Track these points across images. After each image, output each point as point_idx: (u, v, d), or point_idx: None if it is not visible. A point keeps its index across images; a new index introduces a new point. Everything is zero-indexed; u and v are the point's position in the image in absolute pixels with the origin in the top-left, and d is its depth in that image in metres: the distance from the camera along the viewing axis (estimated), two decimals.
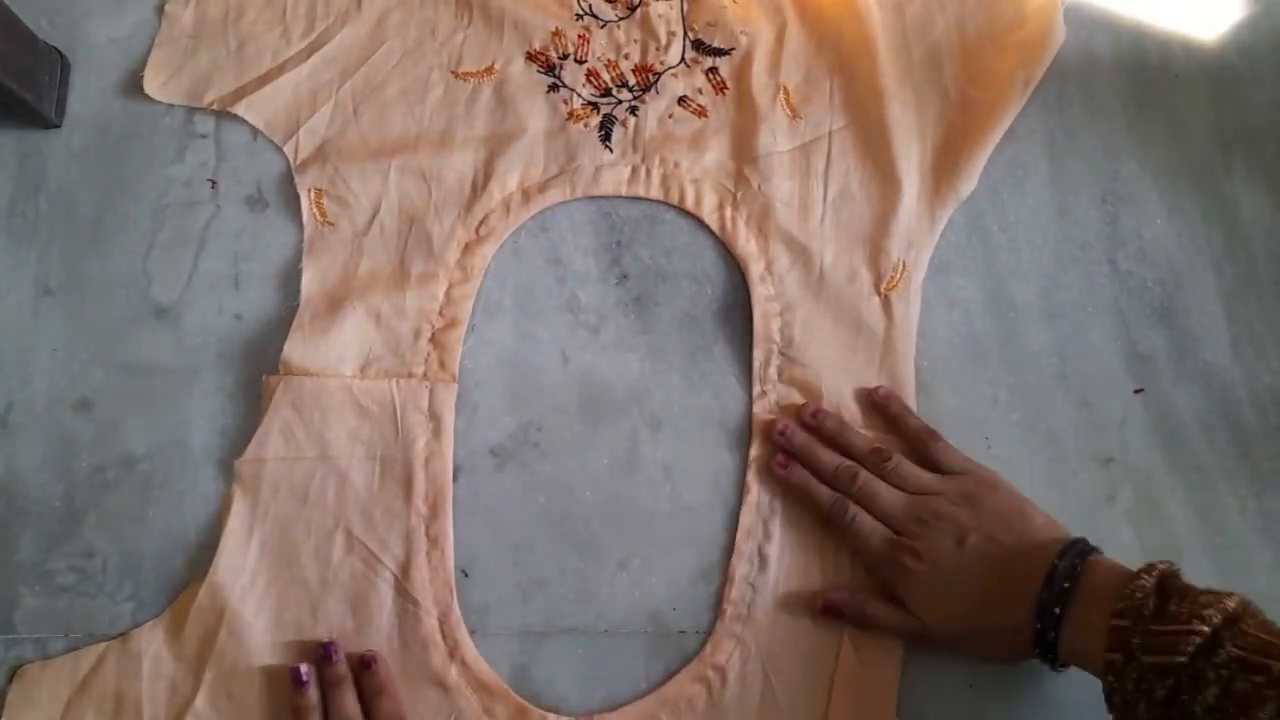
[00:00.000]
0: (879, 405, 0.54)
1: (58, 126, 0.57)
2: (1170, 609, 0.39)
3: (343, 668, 0.48)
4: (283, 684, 0.48)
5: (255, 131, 0.58)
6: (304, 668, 0.48)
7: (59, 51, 0.58)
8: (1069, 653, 0.44)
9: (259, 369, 0.54)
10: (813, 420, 0.53)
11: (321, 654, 0.49)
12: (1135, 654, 0.39)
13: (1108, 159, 0.61)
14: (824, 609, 0.51)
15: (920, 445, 0.52)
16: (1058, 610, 0.43)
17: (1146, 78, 0.63)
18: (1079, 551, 0.45)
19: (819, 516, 0.52)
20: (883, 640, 0.51)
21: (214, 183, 0.57)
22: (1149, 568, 0.41)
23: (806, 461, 0.53)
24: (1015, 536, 0.47)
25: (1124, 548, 0.54)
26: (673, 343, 0.56)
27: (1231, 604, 0.39)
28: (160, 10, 0.60)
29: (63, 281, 0.55)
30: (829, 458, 0.52)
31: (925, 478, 0.51)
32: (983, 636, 0.48)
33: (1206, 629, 0.38)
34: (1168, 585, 0.41)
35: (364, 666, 0.49)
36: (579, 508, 0.54)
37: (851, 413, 0.55)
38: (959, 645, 0.49)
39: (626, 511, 0.54)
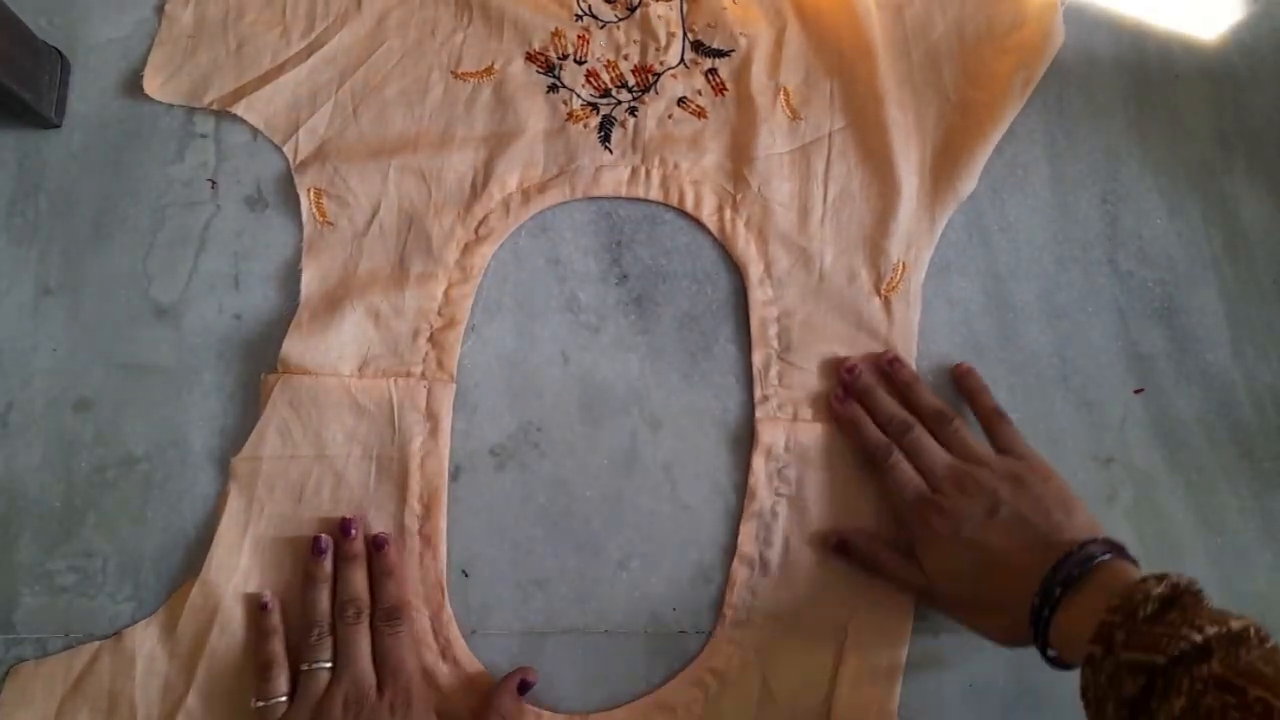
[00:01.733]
0: (956, 380, 0.55)
1: (58, 126, 0.57)
2: (1169, 615, 0.38)
3: (358, 545, 0.50)
4: None
5: (255, 131, 0.58)
6: (324, 539, 0.50)
7: (59, 51, 0.58)
8: (1059, 639, 0.43)
9: (259, 369, 0.54)
10: (889, 367, 0.54)
11: (340, 528, 0.50)
12: (1116, 648, 0.38)
13: (1108, 159, 0.61)
14: (837, 545, 0.52)
15: (990, 424, 0.53)
16: (1058, 592, 0.42)
17: (1147, 78, 0.63)
18: (1106, 545, 0.44)
19: (862, 455, 0.53)
20: (885, 643, 0.51)
21: (214, 183, 0.57)
22: (1164, 576, 0.39)
23: (866, 402, 0.53)
24: (1049, 525, 0.46)
25: None
26: (673, 343, 0.56)
27: (1236, 625, 0.36)
28: (160, 10, 0.60)
29: (63, 281, 0.55)
30: (889, 404, 0.53)
31: (981, 450, 0.51)
32: (983, 606, 0.47)
33: (1197, 638, 0.36)
34: (1178, 596, 0.39)
35: (376, 548, 0.51)
36: (579, 508, 0.54)
37: None
38: (958, 610, 0.49)
39: (626, 511, 0.54)
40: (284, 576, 0.51)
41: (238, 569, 0.50)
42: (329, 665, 0.48)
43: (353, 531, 0.50)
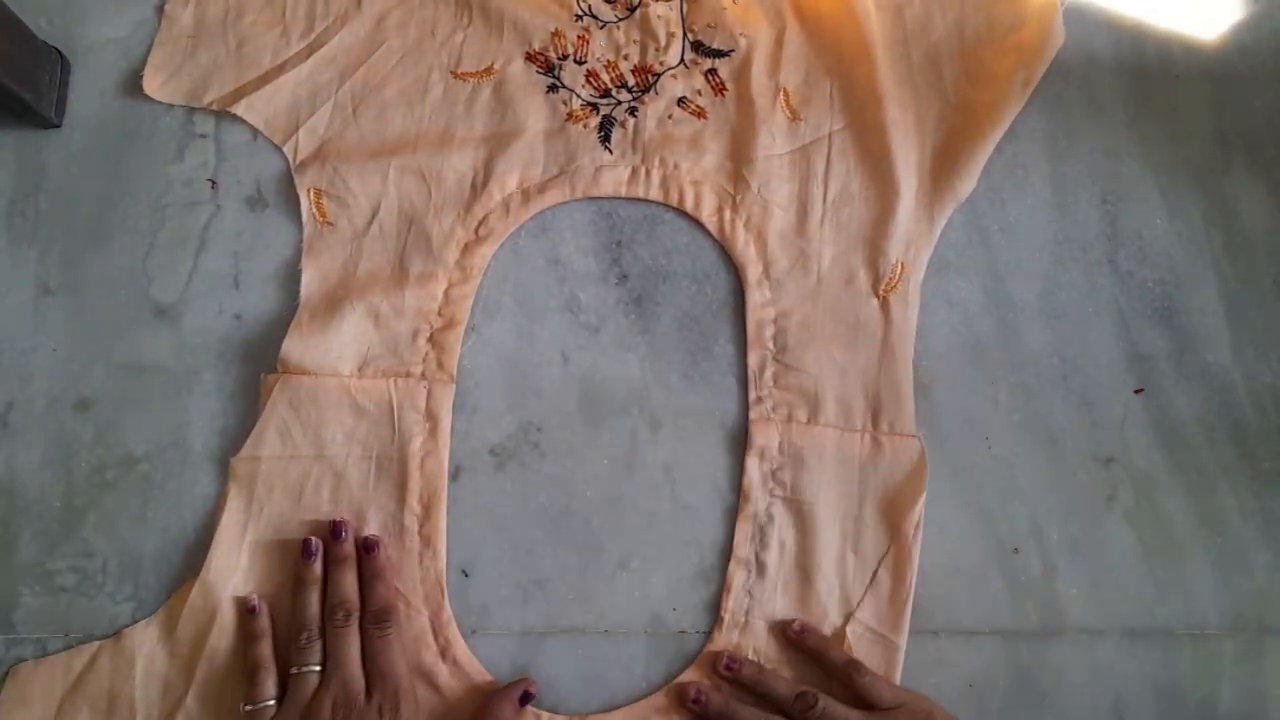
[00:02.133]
0: (795, 641, 0.51)
1: (58, 126, 0.57)
2: None
3: (349, 548, 0.51)
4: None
5: (255, 131, 0.58)
6: (314, 541, 0.50)
7: (59, 51, 0.58)
8: None
9: (259, 369, 0.54)
10: (728, 672, 0.50)
11: (330, 531, 0.50)
12: None
13: (1108, 159, 0.61)
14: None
15: (847, 680, 0.49)
16: None
17: (1146, 78, 0.63)
18: None
19: None
20: (882, 645, 0.51)
21: (214, 183, 0.57)
22: None
23: (757, 690, 0.50)
24: None
25: (1124, 547, 0.55)
26: (673, 343, 0.56)
27: None
28: (160, 10, 0.60)
29: (62, 281, 0.55)
30: (780, 684, 0.50)
31: (855, 717, 0.48)
32: None
33: None
34: None
35: (366, 550, 0.51)
36: (579, 508, 0.54)
37: (850, 412, 0.55)
38: None
39: (626, 511, 0.54)
40: (283, 578, 0.51)
41: (237, 569, 0.50)
42: (318, 669, 0.48)
43: (343, 534, 0.50)
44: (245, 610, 0.50)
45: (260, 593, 0.50)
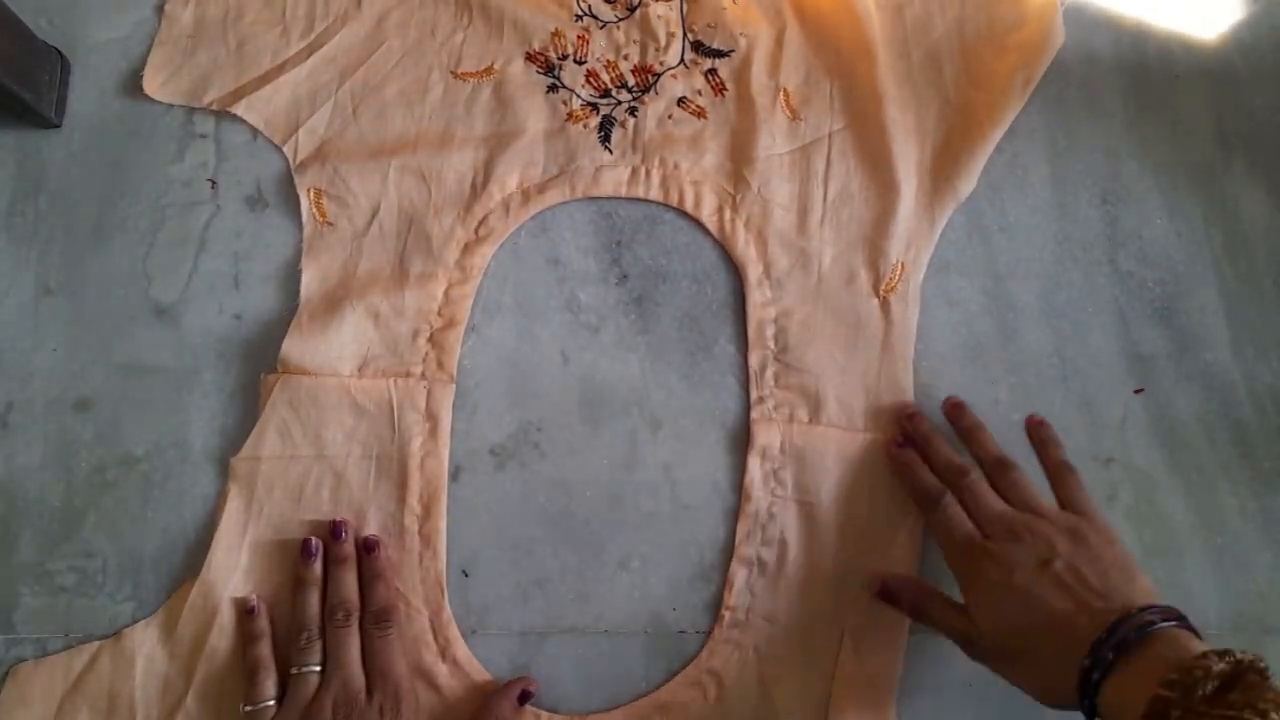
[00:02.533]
0: (1028, 430, 0.53)
1: (58, 126, 0.57)
2: (1230, 696, 0.35)
3: (349, 548, 0.51)
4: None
5: (255, 131, 0.58)
6: (314, 542, 0.50)
7: (59, 51, 0.58)
8: (1107, 708, 0.39)
9: (259, 369, 0.54)
10: (952, 411, 0.53)
11: (330, 531, 0.50)
12: None
13: (1108, 159, 0.61)
14: (880, 592, 0.50)
15: (1057, 478, 0.50)
16: (1111, 657, 0.39)
17: (1147, 78, 0.63)
18: (1164, 613, 0.41)
19: (915, 499, 0.52)
20: (883, 644, 0.51)
21: (214, 183, 0.57)
22: (1228, 652, 0.36)
23: (924, 449, 0.52)
24: (1105, 586, 0.43)
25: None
26: (673, 343, 0.56)
27: None
28: (160, 10, 0.60)
29: (63, 281, 0.55)
30: (946, 450, 0.51)
31: (1040, 502, 0.48)
32: (1029, 661, 0.44)
33: None
34: (1241, 674, 0.36)
35: (366, 550, 0.51)
36: (579, 508, 0.54)
37: (851, 412, 0.55)
38: (1002, 663, 0.46)
39: (626, 511, 0.54)
40: (283, 577, 0.51)
41: (237, 569, 0.50)
42: (318, 669, 0.48)
43: (343, 534, 0.50)
44: (244, 611, 0.50)
45: (261, 593, 0.50)
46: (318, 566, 0.50)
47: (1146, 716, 0.36)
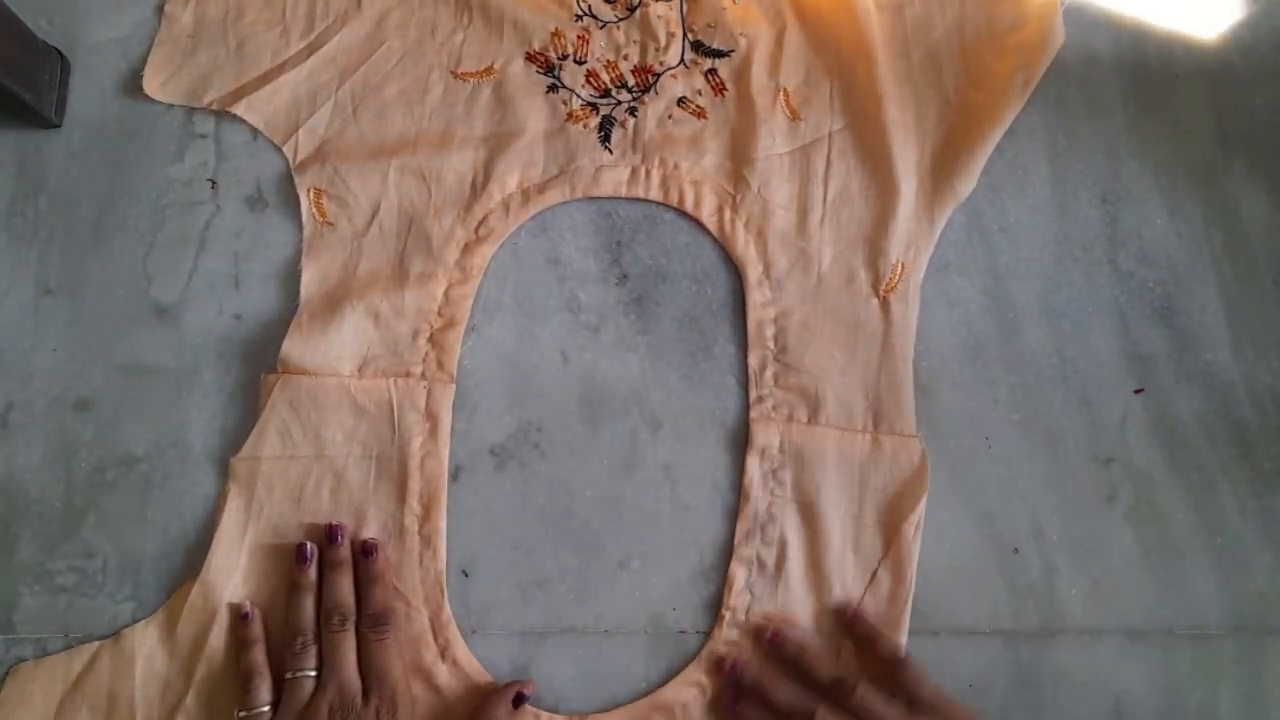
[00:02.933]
0: (848, 627, 0.51)
1: (58, 126, 0.57)
2: None
3: (344, 552, 0.50)
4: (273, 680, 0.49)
5: (255, 131, 0.58)
6: (309, 546, 0.50)
7: (59, 51, 0.58)
8: None
9: (259, 369, 0.54)
10: (770, 645, 0.50)
11: (326, 535, 0.50)
12: None
13: (1108, 159, 0.61)
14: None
15: (891, 672, 0.49)
16: None
17: (1147, 77, 0.63)
18: None
19: None
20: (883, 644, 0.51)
21: (214, 182, 0.57)
22: None
23: (761, 695, 0.49)
24: None
25: (1124, 547, 0.55)
26: (673, 343, 0.56)
27: None
28: (160, 10, 0.60)
29: (63, 281, 0.55)
30: (785, 694, 0.49)
31: (891, 713, 0.47)
32: None
33: None
34: None
35: (364, 554, 0.50)
36: (579, 508, 0.54)
37: (850, 412, 0.55)
38: None
39: (626, 511, 0.54)
40: (282, 579, 0.51)
41: (237, 569, 0.50)
42: (314, 673, 0.47)
43: (338, 538, 0.50)
44: (238, 617, 0.49)
45: (260, 593, 0.50)
46: (312, 571, 0.50)
47: None
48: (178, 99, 0.58)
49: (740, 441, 0.55)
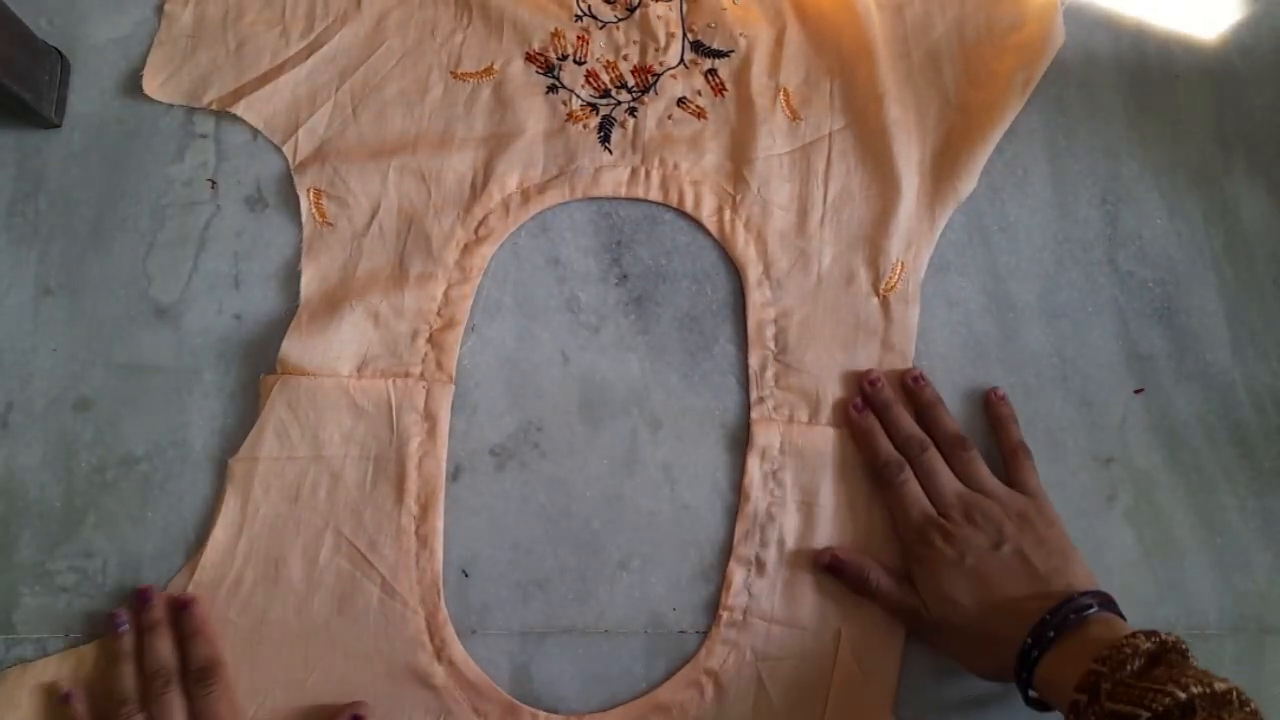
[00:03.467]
0: (989, 404, 0.55)
1: (58, 126, 0.57)
2: (1155, 671, 0.39)
3: (158, 612, 0.49)
4: (264, 686, 0.49)
5: (255, 131, 0.58)
6: (121, 614, 0.49)
7: (59, 51, 0.58)
8: (1043, 682, 0.44)
9: (259, 369, 0.54)
10: (912, 385, 0.54)
11: (137, 599, 0.50)
12: (1101, 699, 0.39)
13: (1108, 159, 0.61)
14: (828, 565, 0.51)
15: (1011, 457, 0.53)
16: (1052, 634, 0.43)
17: (1147, 78, 0.63)
18: (1102, 600, 0.45)
19: (871, 470, 0.53)
20: (881, 645, 0.51)
21: (214, 182, 0.57)
22: (1154, 633, 0.40)
23: (884, 417, 0.53)
24: (1049, 569, 0.47)
25: (1124, 547, 0.55)
26: (673, 343, 0.56)
27: (1220, 686, 0.37)
28: (159, 10, 0.60)
29: (62, 281, 0.55)
30: (907, 422, 0.53)
31: (993, 482, 0.51)
32: (973, 638, 0.47)
33: (1182, 695, 0.37)
34: (1165, 654, 0.40)
35: (180, 608, 0.49)
36: (579, 508, 0.54)
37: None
38: (946, 640, 0.49)
39: (626, 512, 0.54)
40: (276, 577, 0.51)
41: (230, 572, 0.50)
42: None
43: (150, 599, 0.49)
44: (112, 627, 0.49)
45: (252, 596, 0.50)
46: (128, 639, 0.49)
47: (1079, 689, 0.40)
48: (177, 99, 0.58)
49: (740, 442, 0.55)
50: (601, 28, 0.61)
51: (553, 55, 0.61)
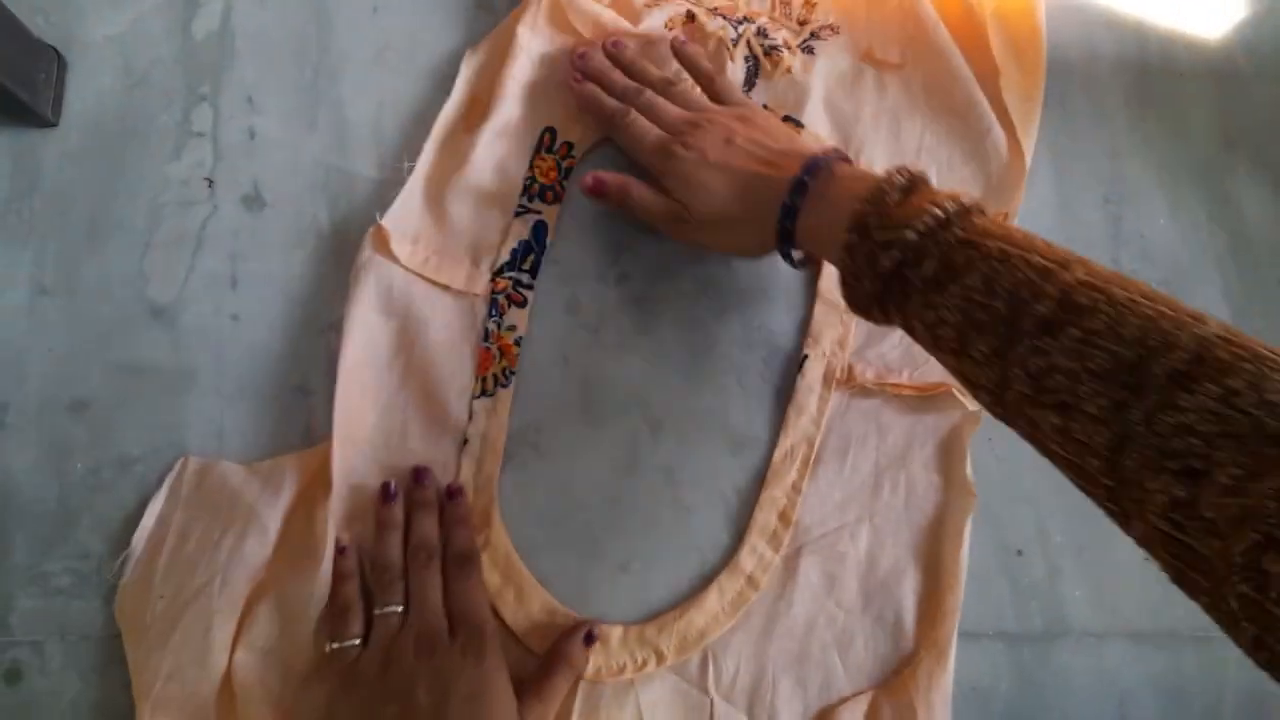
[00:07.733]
0: (674, 50, 0.57)
1: (54, 125, 0.57)
2: (911, 199, 0.42)
3: (430, 493, 0.51)
4: None
5: (252, 130, 0.58)
6: (392, 483, 0.51)
7: (55, 50, 0.57)
8: (807, 234, 0.47)
9: (257, 369, 0.54)
10: (613, 49, 0.57)
11: (412, 476, 0.51)
12: (871, 232, 0.41)
13: (1110, 158, 0.61)
14: (590, 187, 0.54)
15: (708, 83, 0.56)
16: (808, 180, 0.46)
17: (1149, 77, 0.63)
18: (837, 153, 0.48)
19: (601, 124, 0.56)
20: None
21: (211, 182, 0.57)
22: (903, 168, 0.43)
23: (599, 80, 0.56)
24: (783, 145, 0.50)
25: (1128, 550, 0.54)
26: (673, 344, 0.56)
27: (965, 199, 0.41)
28: (158, 9, 0.59)
29: (59, 281, 0.55)
30: (620, 78, 0.56)
31: (707, 101, 0.55)
32: (735, 219, 0.50)
33: (939, 212, 0.40)
34: (914, 184, 0.43)
35: (448, 496, 0.52)
36: (579, 510, 0.53)
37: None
38: (712, 232, 0.52)
39: (627, 514, 0.53)
40: (365, 525, 0.51)
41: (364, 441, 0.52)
42: (400, 609, 0.47)
43: (425, 480, 0.51)
44: (336, 550, 0.49)
45: (351, 530, 0.50)
46: (398, 509, 0.50)
47: (850, 230, 0.42)
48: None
49: (740, 443, 0.54)
50: None
51: None
